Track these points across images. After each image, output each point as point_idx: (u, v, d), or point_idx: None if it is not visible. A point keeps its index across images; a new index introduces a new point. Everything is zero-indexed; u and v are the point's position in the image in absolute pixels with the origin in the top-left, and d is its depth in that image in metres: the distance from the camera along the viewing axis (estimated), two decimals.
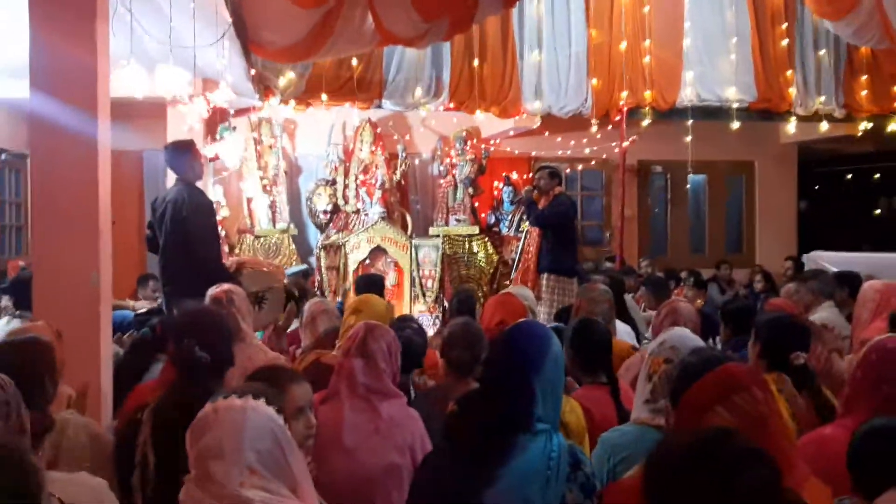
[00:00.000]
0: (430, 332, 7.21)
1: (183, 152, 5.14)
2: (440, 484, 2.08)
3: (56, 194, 3.86)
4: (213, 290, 3.83)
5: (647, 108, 9.45)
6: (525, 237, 7.75)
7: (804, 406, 2.97)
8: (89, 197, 3.85)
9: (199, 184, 5.37)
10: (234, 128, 8.33)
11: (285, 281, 5.96)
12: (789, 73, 9.71)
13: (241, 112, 8.70)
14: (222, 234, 7.11)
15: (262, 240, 9.13)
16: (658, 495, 1.51)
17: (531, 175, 9.17)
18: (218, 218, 6.12)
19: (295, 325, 5.32)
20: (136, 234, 8.37)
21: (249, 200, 9.24)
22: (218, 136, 7.97)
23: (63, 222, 3.87)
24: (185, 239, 4.94)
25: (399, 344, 3.08)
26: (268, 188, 9.19)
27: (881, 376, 2.35)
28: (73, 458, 2.52)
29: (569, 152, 10.47)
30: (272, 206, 9.22)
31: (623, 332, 4.89)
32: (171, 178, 6.92)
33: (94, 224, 3.86)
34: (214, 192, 8.62)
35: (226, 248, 8.05)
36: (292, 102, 8.73)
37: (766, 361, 3.09)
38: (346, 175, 9.34)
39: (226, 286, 3.87)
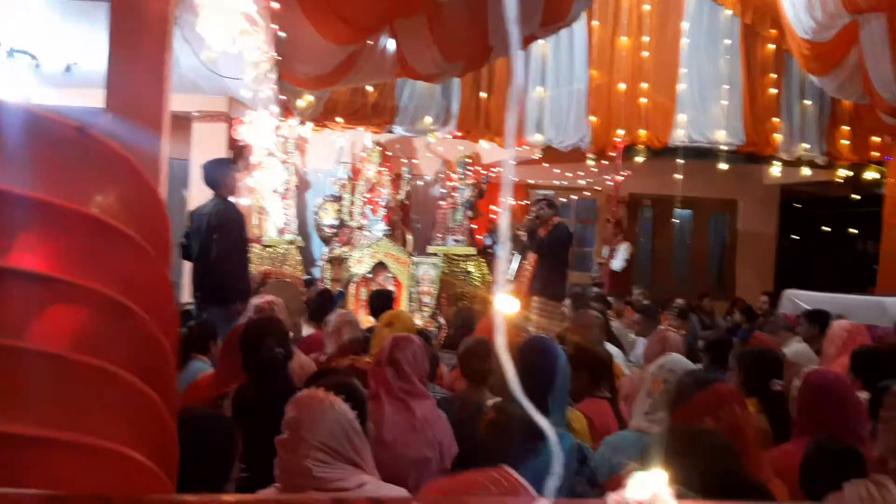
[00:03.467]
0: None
1: (222, 169, 5.55)
2: None
3: None
4: (257, 300, 4.29)
5: (642, 146, 9.95)
6: (519, 260, 8.20)
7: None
8: None
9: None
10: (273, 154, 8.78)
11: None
12: (776, 120, 10.17)
13: None
14: None
15: (269, 249, 9.57)
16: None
17: (528, 203, 9.66)
18: None
19: (307, 330, 5.82)
20: None
21: (260, 210, 9.68)
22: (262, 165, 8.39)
23: None
24: (218, 250, 5.36)
25: (424, 350, 3.55)
26: (279, 200, 9.65)
27: (812, 403, 2.83)
28: None
29: (565, 182, 11.01)
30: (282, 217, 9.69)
31: (612, 353, 5.40)
32: (195, 186, 7.42)
33: None
34: None
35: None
36: (309, 123, 9.22)
37: (745, 388, 3.56)
38: (353, 192, 9.82)
39: (268, 297, 4.34)
